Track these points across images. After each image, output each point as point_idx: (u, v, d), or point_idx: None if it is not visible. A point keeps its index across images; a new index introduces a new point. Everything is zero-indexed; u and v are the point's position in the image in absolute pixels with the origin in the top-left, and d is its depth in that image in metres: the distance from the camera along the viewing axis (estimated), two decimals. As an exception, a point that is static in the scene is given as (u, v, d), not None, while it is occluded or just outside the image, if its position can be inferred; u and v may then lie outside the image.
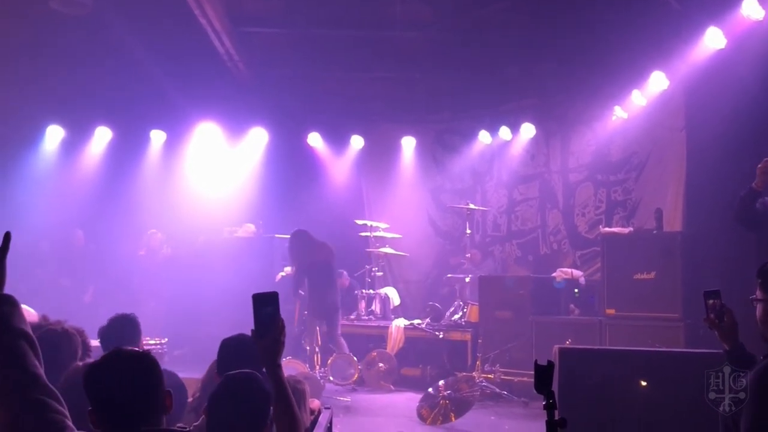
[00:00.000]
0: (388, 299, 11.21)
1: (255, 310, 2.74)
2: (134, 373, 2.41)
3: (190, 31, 9.81)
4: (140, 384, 2.40)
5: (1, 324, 2.32)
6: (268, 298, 2.76)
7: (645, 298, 8.13)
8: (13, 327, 2.33)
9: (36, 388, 2.27)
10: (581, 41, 9.61)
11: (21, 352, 2.30)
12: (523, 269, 11.15)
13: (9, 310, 2.35)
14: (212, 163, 12.45)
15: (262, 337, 2.75)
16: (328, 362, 9.73)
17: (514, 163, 11.60)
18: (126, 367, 2.42)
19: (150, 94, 11.01)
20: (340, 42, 10.85)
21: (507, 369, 9.11)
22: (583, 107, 10.73)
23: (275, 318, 2.75)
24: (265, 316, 2.74)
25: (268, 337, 2.75)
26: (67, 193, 11.55)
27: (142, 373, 2.42)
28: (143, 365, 2.45)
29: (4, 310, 2.34)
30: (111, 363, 2.46)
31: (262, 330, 2.74)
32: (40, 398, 2.25)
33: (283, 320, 2.79)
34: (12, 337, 2.31)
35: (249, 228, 11.80)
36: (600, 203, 10.64)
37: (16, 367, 2.27)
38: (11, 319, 2.34)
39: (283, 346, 2.79)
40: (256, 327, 2.75)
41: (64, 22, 9.25)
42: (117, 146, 12.20)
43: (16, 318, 2.36)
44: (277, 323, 2.76)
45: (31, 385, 2.27)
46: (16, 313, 2.37)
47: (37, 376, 2.29)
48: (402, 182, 12.54)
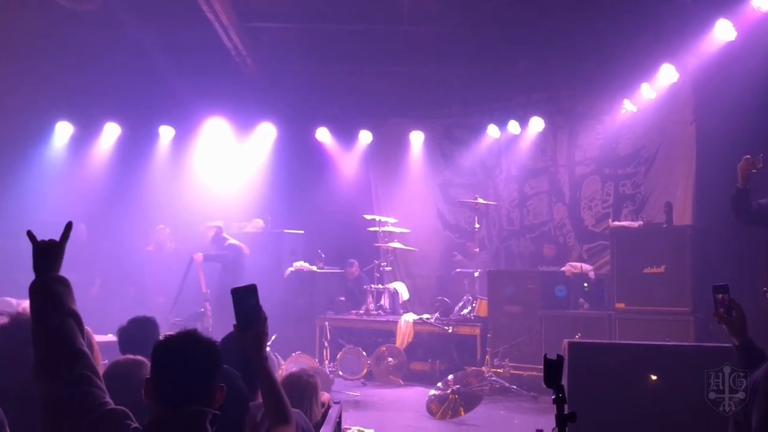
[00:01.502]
0: (397, 294, 11.22)
1: (236, 304, 2.78)
2: (202, 357, 2.45)
3: (198, 26, 9.80)
4: (203, 369, 2.44)
5: (55, 302, 2.53)
6: (248, 291, 2.79)
7: (655, 292, 8.13)
8: (65, 306, 2.53)
9: (81, 364, 2.44)
10: (591, 35, 9.57)
11: (70, 330, 2.50)
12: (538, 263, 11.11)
13: (63, 290, 2.57)
14: (221, 159, 12.46)
15: (245, 330, 2.78)
16: (338, 357, 9.76)
17: (523, 157, 11.58)
18: (197, 349, 2.46)
19: (158, 90, 11.02)
20: (348, 36, 10.83)
21: (516, 363, 9.12)
22: (592, 101, 10.71)
23: (257, 310, 2.79)
24: (248, 309, 2.78)
25: (252, 329, 2.78)
26: (76, 189, 11.58)
27: (209, 360, 2.46)
28: (211, 354, 2.48)
29: (59, 289, 2.56)
30: (185, 342, 2.49)
31: (245, 322, 2.77)
32: (84, 373, 2.42)
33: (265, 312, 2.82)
34: (63, 316, 2.51)
35: (258, 223, 11.81)
36: (607, 197, 10.62)
37: (66, 344, 2.46)
38: (64, 299, 2.55)
39: (266, 337, 2.82)
40: (239, 320, 2.78)
41: (72, 18, 9.26)
42: (126, 142, 12.23)
43: (68, 298, 2.57)
44: (259, 315, 2.79)
45: (77, 361, 2.44)
46: (69, 294, 2.58)
47: (83, 353, 2.47)
48: (410, 177, 12.53)
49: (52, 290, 2.56)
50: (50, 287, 2.56)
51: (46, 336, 2.48)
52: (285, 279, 11.13)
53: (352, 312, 10.92)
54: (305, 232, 11.92)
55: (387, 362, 9.83)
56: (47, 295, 2.54)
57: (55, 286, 2.57)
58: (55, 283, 2.58)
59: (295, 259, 11.36)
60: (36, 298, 2.55)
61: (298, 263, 11.24)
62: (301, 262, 11.27)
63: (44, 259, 2.62)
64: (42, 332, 2.49)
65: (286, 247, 11.62)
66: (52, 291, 2.55)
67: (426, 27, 10.48)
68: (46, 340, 2.47)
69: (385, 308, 10.97)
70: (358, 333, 10.73)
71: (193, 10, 9.27)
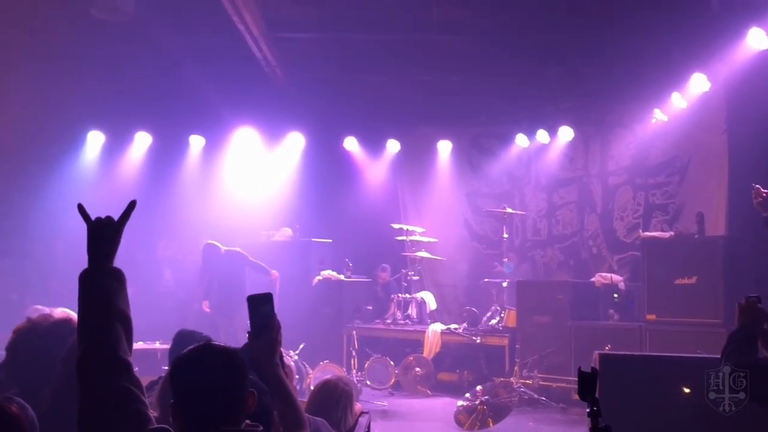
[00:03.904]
0: (424, 303, 11.20)
1: (251, 311, 2.76)
2: (222, 370, 2.31)
3: (229, 37, 9.89)
4: (226, 382, 2.30)
5: (105, 300, 2.25)
6: (263, 299, 2.79)
7: (686, 303, 8.04)
8: (114, 306, 2.25)
9: (123, 376, 2.19)
10: (621, 43, 9.50)
11: (116, 335, 2.22)
12: (566, 274, 11.04)
13: (116, 286, 2.29)
14: (250, 168, 12.55)
15: (259, 337, 2.77)
16: (365, 366, 9.76)
17: (552, 166, 11.50)
18: (214, 363, 2.32)
19: (189, 100, 11.13)
20: (376, 46, 10.86)
21: (545, 374, 9.04)
22: (622, 110, 10.63)
23: (271, 318, 2.78)
24: (262, 317, 2.77)
25: (265, 337, 2.76)
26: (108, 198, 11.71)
27: (230, 371, 2.33)
28: (232, 363, 2.35)
29: (111, 284, 2.28)
30: (200, 357, 2.34)
31: (259, 330, 2.77)
32: (125, 386, 2.18)
33: (279, 321, 2.80)
34: (111, 318, 2.23)
35: (286, 232, 11.87)
36: (638, 206, 10.53)
37: (108, 349, 2.20)
38: (115, 297, 2.27)
39: (280, 345, 2.80)
40: (253, 327, 2.77)
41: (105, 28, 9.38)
42: (157, 151, 12.36)
43: (120, 297, 2.29)
44: (273, 323, 2.77)
45: (119, 371, 2.19)
46: (121, 291, 2.30)
47: (127, 364, 2.22)
48: (438, 186, 12.51)
49: (103, 285, 2.27)
50: (101, 281, 2.27)
51: (88, 337, 2.22)
52: (313, 288, 11.17)
53: (379, 321, 10.92)
54: (333, 240, 11.97)
55: (414, 372, 9.80)
56: (97, 289, 2.26)
57: (107, 281, 2.27)
58: (108, 277, 2.28)
59: (322, 268, 11.40)
60: (84, 289, 2.27)
61: (325, 272, 11.27)
62: (329, 270, 11.30)
63: (99, 240, 2.33)
64: (84, 331, 2.23)
65: (314, 256, 11.67)
66: (103, 286, 2.26)
67: (455, 36, 10.47)
68: (87, 341, 2.21)
69: (412, 318, 10.95)
70: (385, 342, 10.71)
71: (223, 21, 9.35)
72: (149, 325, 8.21)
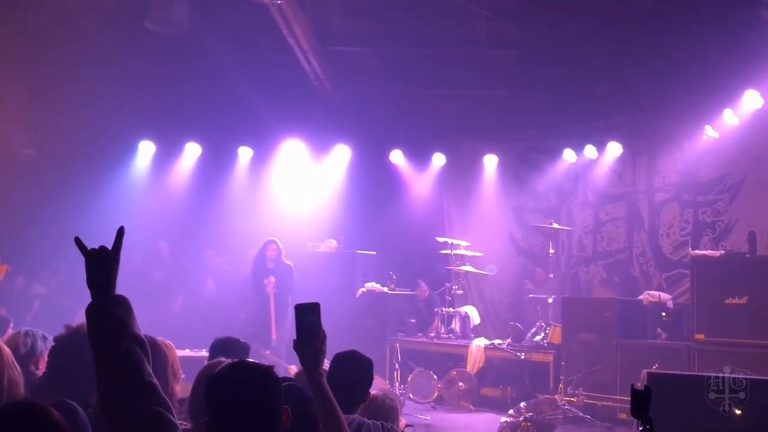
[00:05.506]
0: (468, 318, 11.15)
1: (298, 320, 2.80)
2: (256, 387, 2.31)
3: (279, 50, 10.02)
4: (261, 399, 2.31)
5: (118, 328, 2.22)
6: (311, 308, 2.82)
7: (736, 323, 7.86)
8: (128, 332, 2.22)
9: (151, 398, 2.16)
10: (672, 58, 9.42)
11: (137, 359, 2.20)
12: (608, 291, 10.91)
13: (124, 312, 2.25)
14: (297, 179, 12.67)
15: (304, 346, 2.80)
16: (408, 379, 9.74)
17: (600, 182, 11.38)
18: (248, 381, 2.32)
19: (238, 112, 11.31)
20: (425, 60, 10.91)
21: (590, 392, 8.91)
22: (672, 126, 10.48)
23: (317, 327, 2.82)
24: (309, 326, 2.81)
25: (311, 346, 2.79)
26: (158, 207, 11.92)
27: (264, 388, 2.33)
28: (266, 381, 2.35)
29: (119, 312, 2.25)
30: (233, 376, 2.35)
31: (304, 339, 2.80)
32: (155, 409, 2.15)
33: (325, 331, 2.83)
34: (128, 344, 2.20)
35: (331, 243, 11.93)
36: (686, 224, 10.36)
37: (132, 375, 2.17)
38: (126, 323, 2.23)
39: (324, 355, 2.83)
40: (299, 336, 2.81)
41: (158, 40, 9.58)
42: (206, 162, 12.56)
43: (130, 321, 2.25)
44: (319, 332, 2.81)
45: (146, 395, 2.16)
46: (130, 316, 2.26)
47: (153, 386, 2.19)
48: (483, 200, 12.47)
49: (112, 313, 2.23)
50: (109, 310, 2.23)
51: (109, 366, 2.18)
52: (356, 299, 11.21)
53: (421, 334, 10.90)
54: (377, 253, 11.99)
55: (458, 386, 9.76)
56: (107, 319, 2.22)
57: (114, 309, 2.24)
58: (115, 305, 2.25)
59: (366, 280, 11.43)
60: (94, 322, 2.23)
61: (369, 284, 11.30)
62: (373, 283, 11.33)
63: (99, 271, 2.29)
64: (104, 362, 2.18)
65: (359, 268, 11.70)
66: (112, 314, 2.22)
67: (503, 50, 10.47)
68: (109, 370, 2.17)
69: (456, 332, 10.90)
70: (429, 356, 10.69)
71: (274, 35, 9.49)
72: (197, 332, 8.32)
